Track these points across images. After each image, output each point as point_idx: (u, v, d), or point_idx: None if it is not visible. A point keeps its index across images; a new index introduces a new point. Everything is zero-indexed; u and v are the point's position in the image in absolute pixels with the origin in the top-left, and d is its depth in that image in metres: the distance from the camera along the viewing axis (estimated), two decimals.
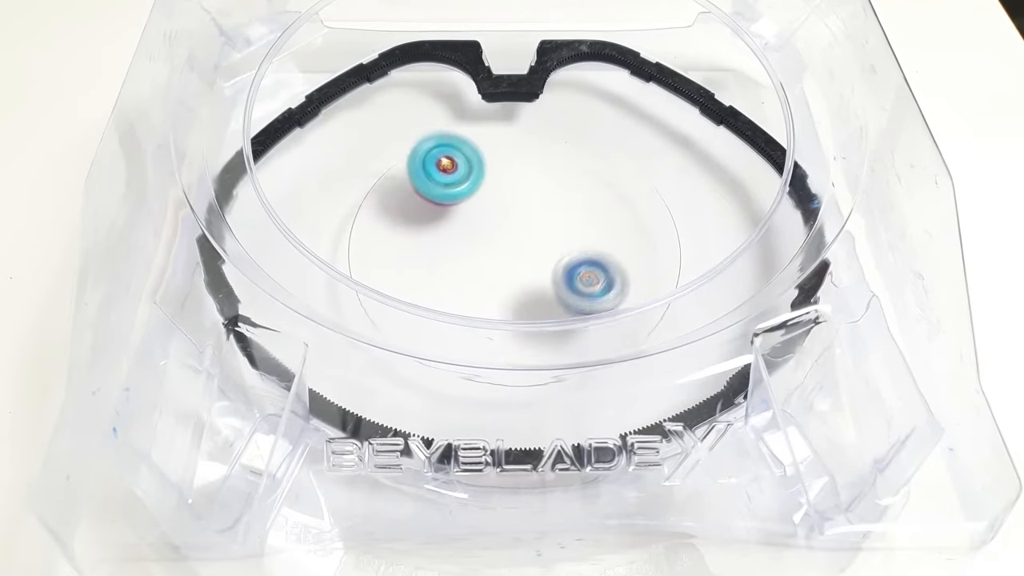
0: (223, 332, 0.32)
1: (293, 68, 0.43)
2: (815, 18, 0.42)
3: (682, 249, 0.39)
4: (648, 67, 0.44)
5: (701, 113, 0.43)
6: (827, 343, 0.32)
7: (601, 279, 0.34)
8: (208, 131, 0.39)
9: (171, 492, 0.28)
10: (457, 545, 0.31)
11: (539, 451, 0.29)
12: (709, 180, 0.42)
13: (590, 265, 0.34)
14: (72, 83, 0.47)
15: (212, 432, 0.30)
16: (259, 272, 0.33)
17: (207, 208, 0.35)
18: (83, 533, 0.28)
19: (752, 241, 0.35)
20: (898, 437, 0.29)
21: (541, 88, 0.43)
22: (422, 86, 0.46)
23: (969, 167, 0.37)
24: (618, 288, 0.34)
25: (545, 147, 0.44)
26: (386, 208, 0.41)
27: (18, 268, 0.39)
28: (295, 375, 0.30)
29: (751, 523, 0.29)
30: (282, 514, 0.29)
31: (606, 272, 0.34)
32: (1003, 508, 0.28)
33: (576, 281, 0.34)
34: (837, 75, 0.41)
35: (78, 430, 0.28)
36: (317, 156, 0.43)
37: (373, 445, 0.29)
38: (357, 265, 0.38)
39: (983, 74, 0.49)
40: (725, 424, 0.30)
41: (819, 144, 0.40)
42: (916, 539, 0.29)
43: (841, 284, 0.34)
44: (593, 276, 0.34)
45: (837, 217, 0.36)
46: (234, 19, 0.42)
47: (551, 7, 0.47)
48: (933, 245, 0.34)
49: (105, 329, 0.32)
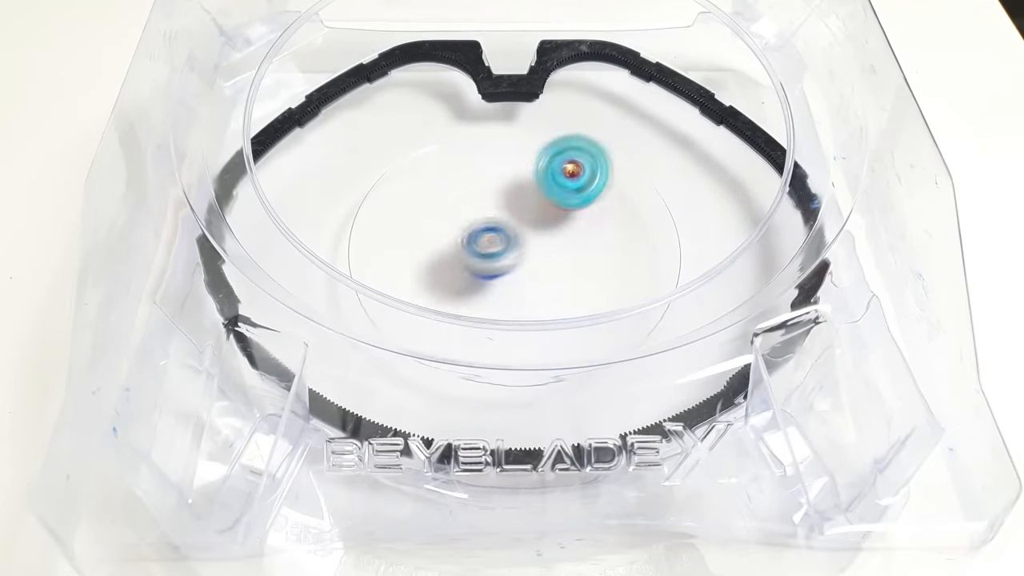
0: (223, 332, 0.32)
1: (293, 68, 0.43)
2: (815, 18, 0.42)
3: (682, 249, 0.39)
4: (648, 67, 0.43)
5: (701, 113, 0.43)
6: (827, 343, 0.32)
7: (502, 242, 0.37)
8: (208, 131, 0.39)
9: (171, 492, 0.28)
10: (457, 545, 0.31)
11: (539, 451, 0.29)
12: (709, 180, 0.42)
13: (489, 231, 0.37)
14: (72, 83, 0.47)
15: (212, 432, 0.30)
16: (259, 272, 0.33)
17: (207, 208, 0.35)
18: (83, 533, 0.28)
19: (752, 241, 0.35)
20: (898, 437, 0.29)
21: (541, 88, 0.43)
22: (422, 86, 0.46)
23: (969, 167, 0.37)
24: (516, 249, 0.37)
25: None
26: (386, 208, 0.41)
27: (18, 268, 0.39)
28: (295, 375, 0.30)
29: (751, 523, 0.29)
30: (282, 514, 0.29)
31: (504, 234, 0.37)
32: (1003, 508, 0.28)
33: (476, 246, 0.37)
34: (837, 75, 0.41)
35: (78, 430, 0.28)
36: (317, 156, 0.43)
37: (373, 445, 0.29)
38: (357, 265, 0.38)
39: (983, 74, 0.49)
40: (725, 424, 0.30)
41: (819, 144, 0.40)
42: (916, 539, 0.29)
43: (841, 284, 0.34)
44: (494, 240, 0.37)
45: (837, 217, 0.36)
46: (234, 19, 0.42)
47: (551, 7, 0.47)
48: (933, 245, 0.34)
49: (105, 329, 0.32)
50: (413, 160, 0.43)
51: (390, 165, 0.42)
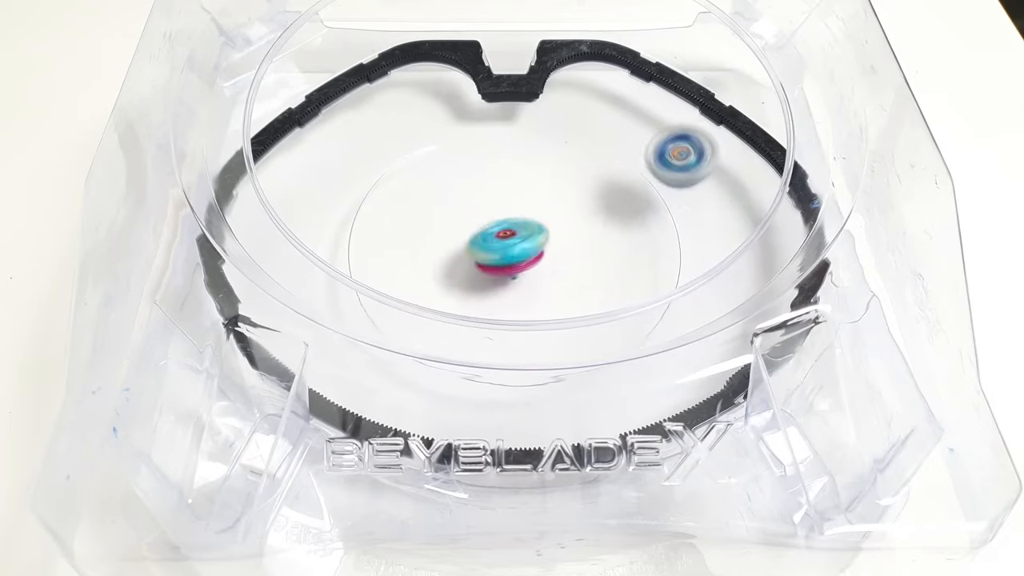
0: (223, 332, 0.32)
1: (293, 68, 0.43)
2: (815, 18, 0.42)
3: (682, 249, 0.39)
4: (648, 67, 0.44)
5: (701, 113, 0.43)
6: (827, 343, 0.32)
7: (692, 151, 0.37)
8: (208, 131, 0.39)
9: (171, 492, 0.28)
10: (457, 545, 0.31)
11: (539, 451, 0.29)
12: (709, 180, 0.42)
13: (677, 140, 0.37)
14: (72, 83, 0.47)
15: (212, 432, 0.30)
16: (259, 272, 0.33)
17: (207, 208, 0.35)
18: (83, 533, 0.27)
19: (752, 241, 0.35)
20: (898, 437, 0.29)
21: (541, 88, 0.43)
22: (422, 86, 0.46)
23: (969, 167, 0.37)
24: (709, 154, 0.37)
25: (545, 147, 0.44)
26: (386, 208, 0.41)
27: (18, 268, 0.39)
28: (295, 375, 0.30)
29: (751, 523, 0.29)
30: (282, 514, 0.29)
31: (693, 143, 0.37)
32: (1003, 508, 0.28)
33: (668, 157, 0.37)
34: (837, 75, 0.41)
35: (78, 430, 0.28)
36: (317, 156, 0.43)
37: (373, 445, 0.29)
38: (357, 265, 0.38)
39: (983, 74, 0.49)
40: (725, 424, 0.30)
41: (819, 144, 0.40)
42: (916, 539, 0.29)
43: (841, 284, 0.34)
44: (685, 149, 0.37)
45: (837, 217, 0.36)
46: (234, 19, 0.42)
47: (551, 7, 0.47)
48: (933, 245, 0.34)
49: (105, 329, 0.32)
50: (413, 160, 0.43)
51: (390, 165, 0.42)
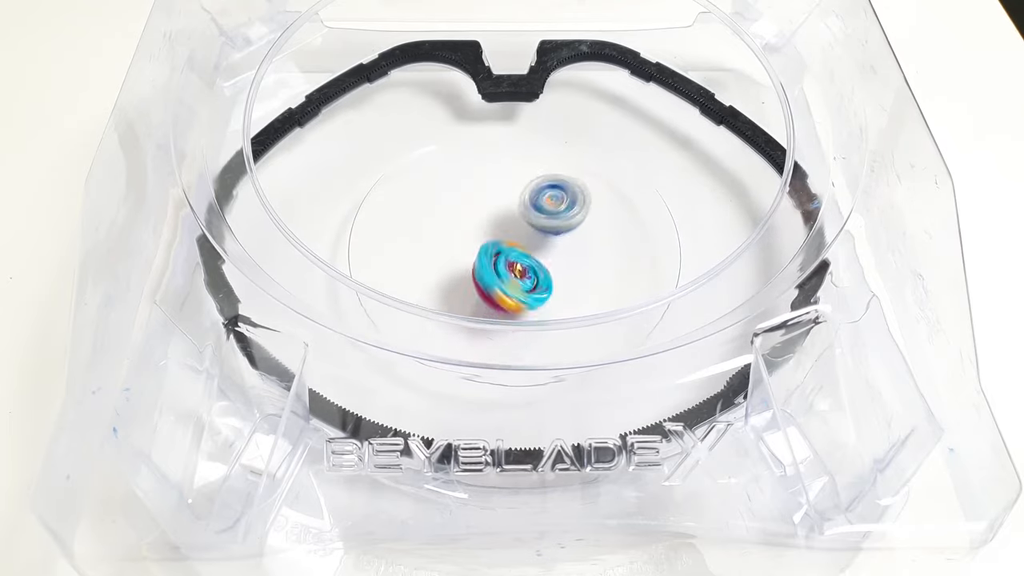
0: (223, 332, 0.32)
1: (293, 68, 0.43)
2: (815, 18, 0.42)
3: (682, 249, 0.39)
4: (648, 67, 0.44)
5: (701, 113, 0.43)
6: (827, 343, 0.32)
7: (565, 199, 0.38)
8: (208, 131, 0.39)
9: (171, 492, 0.28)
10: (457, 545, 0.31)
11: (539, 451, 0.29)
12: (709, 180, 0.42)
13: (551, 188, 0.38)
14: (72, 83, 0.47)
15: (212, 432, 0.30)
16: (259, 272, 0.33)
17: (207, 208, 0.35)
18: (83, 533, 0.27)
19: (752, 241, 0.35)
20: (898, 437, 0.29)
21: (541, 88, 0.43)
22: (422, 86, 0.46)
23: (969, 167, 0.37)
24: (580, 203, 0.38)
25: (545, 147, 0.44)
26: (386, 208, 0.41)
27: (18, 268, 0.39)
28: (295, 375, 0.30)
29: (751, 523, 0.29)
30: (282, 514, 0.29)
31: (566, 191, 0.38)
32: (1003, 508, 0.28)
33: (542, 203, 0.38)
34: (837, 75, 0.41)
35: (78, 430, 0.28)
36: (317, 156, 0.43)
37: (373, 445, 0.29)
38: (357, 265, 0.38)
39: (983, 74, 0.49)
40: (725, 424, 0.30)
41: (819, 144, 0.40)
42: (916, 539, 0.29)
43: (841, 284, 0.34)
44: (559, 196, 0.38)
45: (837, 217, 0.36)
46: (234, 19, 0.42)
47: (551, 7, 0.47)
48: (933, 245, 0.34)
49: (105, 329, 0.31)
50: (413, 160, 0.43)
51: (390, 165, 0.42)
